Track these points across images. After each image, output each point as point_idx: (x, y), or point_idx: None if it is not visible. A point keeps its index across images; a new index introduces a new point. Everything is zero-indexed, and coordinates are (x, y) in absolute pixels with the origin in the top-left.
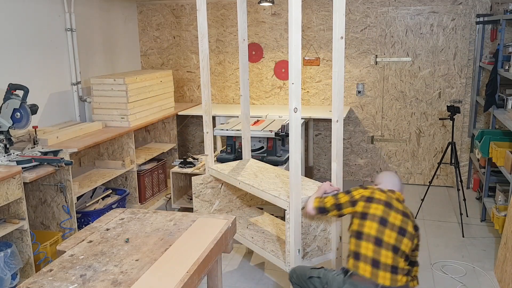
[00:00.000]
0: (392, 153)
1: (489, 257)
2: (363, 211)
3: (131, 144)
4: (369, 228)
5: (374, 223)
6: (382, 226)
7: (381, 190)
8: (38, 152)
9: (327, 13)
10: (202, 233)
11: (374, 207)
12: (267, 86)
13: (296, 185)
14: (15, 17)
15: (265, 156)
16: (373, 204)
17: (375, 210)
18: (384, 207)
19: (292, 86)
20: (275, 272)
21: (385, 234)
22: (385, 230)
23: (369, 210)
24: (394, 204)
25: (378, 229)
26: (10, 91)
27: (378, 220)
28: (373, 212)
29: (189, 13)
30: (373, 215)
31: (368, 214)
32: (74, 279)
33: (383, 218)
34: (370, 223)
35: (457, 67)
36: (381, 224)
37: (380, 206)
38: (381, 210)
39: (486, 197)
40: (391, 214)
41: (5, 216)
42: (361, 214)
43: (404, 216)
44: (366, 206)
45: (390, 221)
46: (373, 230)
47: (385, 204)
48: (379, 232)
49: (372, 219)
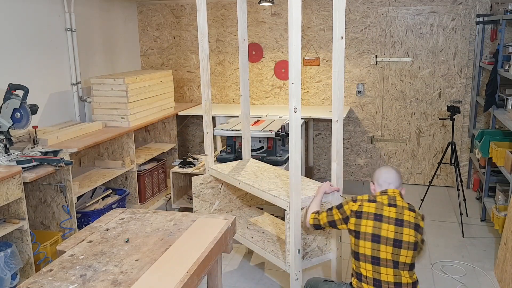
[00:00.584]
0: (392, 153)
1: (489, 257)
2: (355, 229)
3: (131, 144)
4: (363, 248)
5: (367, 242)
6: (376, 243)
7: (370, 200)
8: (38, 152)
9: (327, 13)
10: (202, 233)
11: (364, 223)
12: (267, 86)
13: (296, 185)
14: (15, 17)
15: (265, 156)
16: (363, 220)
17: (365, 228)
18: (373, 221)
19: (292, 86)
20: (275, 272)
21: (381, 250)
22: (380, 246)
23: (360, 228)
24: (385, 214)
25: (372, 247)
26: (10, 91)
27: (370, 238)
28: (364, 230)
29: (189, 13)
30: (364, 233)
31: (360, 232)
32: (74, 279)
33: (374, 235)
34: (363, 242)
35: (457, 67)
36: (374, 241)
37: (370, 222)
38: (371, 226)
39: (486, 197)
40: (383, 227)
41: (5, 216)
42: (354, 233)
43: (396, 225)
44: (357, 223)
45: (382, 235)
46: (367, 250)
47: (375, 217)
48: (374, 251)
49: (364, 238)
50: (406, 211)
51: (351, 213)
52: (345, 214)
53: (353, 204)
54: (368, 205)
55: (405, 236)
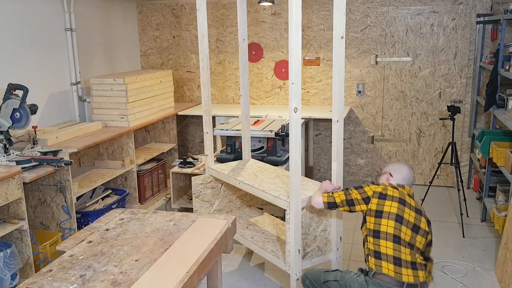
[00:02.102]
0: (393, 153)
1: (490, 257)
2: (377, 209)
3: (130, 144)
4: (385, 227)
5: (391, 221)
6: (399, 223)
7: (393, 186)
8: (37, 152)
9: (327, 13)
10: (202, 233)
11: (388, 204)
12: (267, 86)
13: (296, 185)
14: (15, 17)
15: (265, 156)
16: (387, 201)
17: (389, 208)
18: (398, 204)
19: (292, 86)
20: (275, 272)
21: (401, 231)
22: (402, 227)
23: (384, 207)
24: (407, 200)
25: (395, 226)
26: (9, 91)
27: (394, 218)
28: (388, 210)
29: (189, 13)
30: (388, 212)
31: (383, 212)
32: (73, 279)
33: (398, 215)
34: (386, 221)
35: (457, 67)
36: (397, 221)
37: (395, 203)
38: (396, 207)
39: (487, 197)
40: (406, 211)
41: (5, 216)
42: (375, 212)
43: (417, 212)
44: (380, 203)
45: (405, 218)
46: (390, 228)
47: (399, 201)
48: (396, 230)
49: (388, 217)
50: (419, 207)
51: (373, 194)
52: (366, 194)
53: (376, 186)
54: (392, 190)
55: (422, 224)
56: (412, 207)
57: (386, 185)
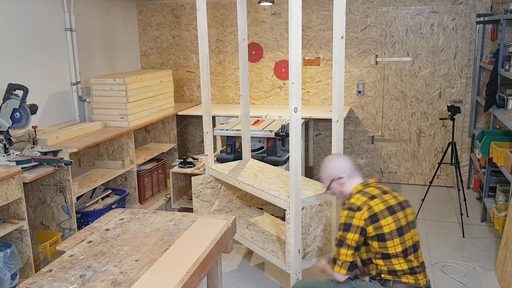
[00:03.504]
0: (393, 153)
1: (490, 258)
2: (377, 234)
3: (130, 144)
4: (393, 248)
5: (395, 239)
6: (402, 236)
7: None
8: (37, 152)
9: (327, 13)
10: (202, 233)
11: (384, 223)
12: (267, 86)
13: (296, 185)
14: (14, 17)
15: (265, 156)
16: (381, 221)
17: (388, 227)
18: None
19: (292, 86)
20: (275, 272)
21: (406, 240)
22: (405, 237)
23: (383, 229)
24: (391, 203)
25: (400, 241)
26: (9, 91)
27: (396, 235)
28: (388, 230)
29: (189, 13)
30: (390, 233)
31: (384, 234)
32: (73, 280)
33: (398, 228)
34: (391, 242)
35: (457, 67)
36: (400, 235)
37: (389, 219)
38: (392, 222)
39: (487, 197)
40: (399, 216)
41: (5, 216)
42: (377, 237)
43: (402, 209)
44: (377, 226)
45: (403, 225)
46: (398, 247)
47: (389, 212)
48: (402, 245)
49: (391, 238)
50: (394, 193)
51: (365, 222)
52: (359, 229)
53: (360, 213)
54: (374, 203)
55: (410, 217)
56: (397, 207)
57: (365, 202)
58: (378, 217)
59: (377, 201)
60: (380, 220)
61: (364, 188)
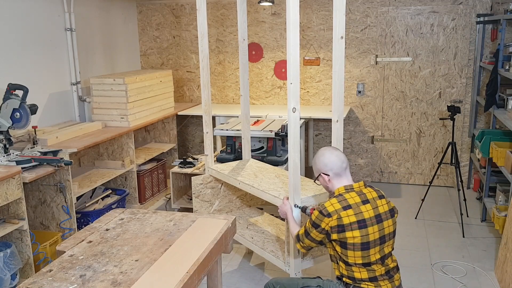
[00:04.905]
0: (393, 153)
1: (490, 257)
2: (340, 240)
3: (130, 144)
4: (353, 258)
5: (357, 251)
6: (366, 250)
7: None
8: (37, 152)
9: (327, 13)
10: (202, 233)
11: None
12: (267, 86)
13: (295, 185)
14: (14, 17)
15: (265, 156)
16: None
17: (352, 239)
18: (359, 231)
19: (290, 86)
20: (275, 272)
21: (370, 254)
22: (370, 251)
23: (346, 240)
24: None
25: (362, 255)
26: (9, 91)
27: (359, 248)
28: (352, 242)
29: (189, 13)
30: (352, 244)
31: (346, 244)
32: (73, 280)
33: (363, 243)
34: (352, 252)
35: (457, 67)
36: (364, 249)
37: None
38: (358, 236)
39: (487, 197)
40: (369, 232)
41: (5, 216)
42: (340, 243)
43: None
44: (341, 236)
45: (371, 240)
46: (358, 259)
47: (359, 226)
48: (364, 258)
49: (353, 249)
50: (379, 202)
51: (331, 229)
52: (324, 231)
53: (328, 219)
54: (346, 214)
55: (387, 229)
56: (372, 220)
57: (337, 210)
58: (345, 229)
59: (350, 212)
60: (346, 232)
61: (346, 192)
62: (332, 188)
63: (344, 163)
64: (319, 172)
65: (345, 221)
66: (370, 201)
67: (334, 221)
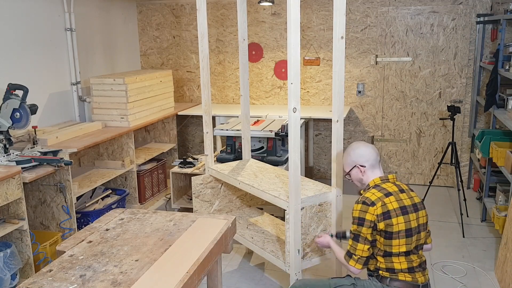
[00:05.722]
0: (393, 153)
1: (490, 257)
2: (386, 230)
3: (130, 144)
4: (397, 247)
5: (402, 239)
6: (409, 237)
7: (386, 194)
8: (37, 152)
9: (327, 13)
10: (202, 233)
11: (395, 222)
12: (267, 86)
13: (295, 185)
14: (14, 17)
15: (265, 156)
16: (393, 219)
17: (397, 227)
18: (403, 217)
19: (291, 86)
20: (275, 272)
21: (412, 242)
22: (412, 239)
23: (393, 228)
24: (406, 204)
25: (406, 242)
26: (9, 91)
27: (404, 235)
28: (397, 229)
29: (189, 13)
30: (397, 232)
31: (392, 233)
32: (73, 280)
33: (407, 230)
34: (397, 241)
35: (457, 67)
36: (408, 236)
37: (400, 219)
38: (403, 222)
39: (487, 197)
40: (410, 218)
41: (5, 216)
42: (385, 233)
43: (415, 211)
44: (388, 223)
45: (412, 227)
46: (402, 247)
47: (402, 212)
48: (407, 246)
49: (398, 237)
50: (411, 193)
51: (377, 218)
52: (372, 223)
53: (373, 208)
54: (389, 201)
55: (421, 219)
56: (410, 208)
57: (380, 197)
58: (391, 215)
59: (392, 198)
60: (392, 218)
61: (382, 183)
62: (367, 179)
63: (378, 156)
64: (355, 164)
65: (390, 207)
66: (405, 191)
67: (379, 208)
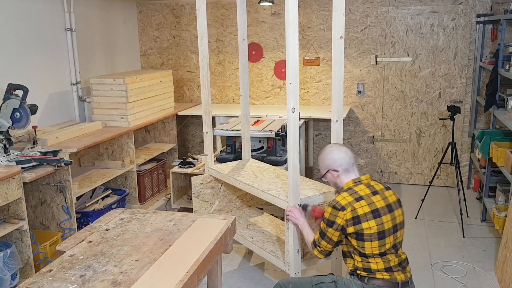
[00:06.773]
0: (393, 153)
1: (490, 257)
2: (356, 232)
3: (130, 144)
4: (370, 249)
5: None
6: (382, 239)
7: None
8: (37, 152)
9: (327, 13)
10: (202, 233)
11: (366, 226)
12: (267, 86)
13: (294, 185)
14: (14, 17)
15: (265, 156)
16: (363, 224)
17: (369, 230)
18: (374, 220)
19: (289, 86)
20: (275, 272)
21: (386, 243)
22: (385, 240)
23: (363, 231)
24: (378, 206)
25: (379, 244)
26: (9, 91)
27: (376, 238)
28: (369, 232)
29: (189, 13)
30: (369, 235)
31: (363, 235)
32: (73, 280)
33: (379, 232)
34: (369, 243)
35: (457, 67)
36: (380, 238)
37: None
38: (374, 225)
39: (487, 197)
40: (384, 220)
41: (5, 216)
42: (356, 235)
43: (389, 212)
44: (358, 228)
45: (386, 229)
46: (375, 249)
47: (373, 215)
48: (381, 247)
49: (370, 239)
50: (386, 193)
51: (346, 223)
52: (340, 227)
53: (343, 213)
54: (359, 205)
55: (397, 219)
56: (384, 210)
57: (350, 202)
58: (361, 220)
59: (363, 203)
60: (362, 223)
61: (355, 185)
62: (341, 183)
63: (352, 159)
64: (328, 168)
65: (360, 212)
66: (379, 192)
67: (349, 213)
